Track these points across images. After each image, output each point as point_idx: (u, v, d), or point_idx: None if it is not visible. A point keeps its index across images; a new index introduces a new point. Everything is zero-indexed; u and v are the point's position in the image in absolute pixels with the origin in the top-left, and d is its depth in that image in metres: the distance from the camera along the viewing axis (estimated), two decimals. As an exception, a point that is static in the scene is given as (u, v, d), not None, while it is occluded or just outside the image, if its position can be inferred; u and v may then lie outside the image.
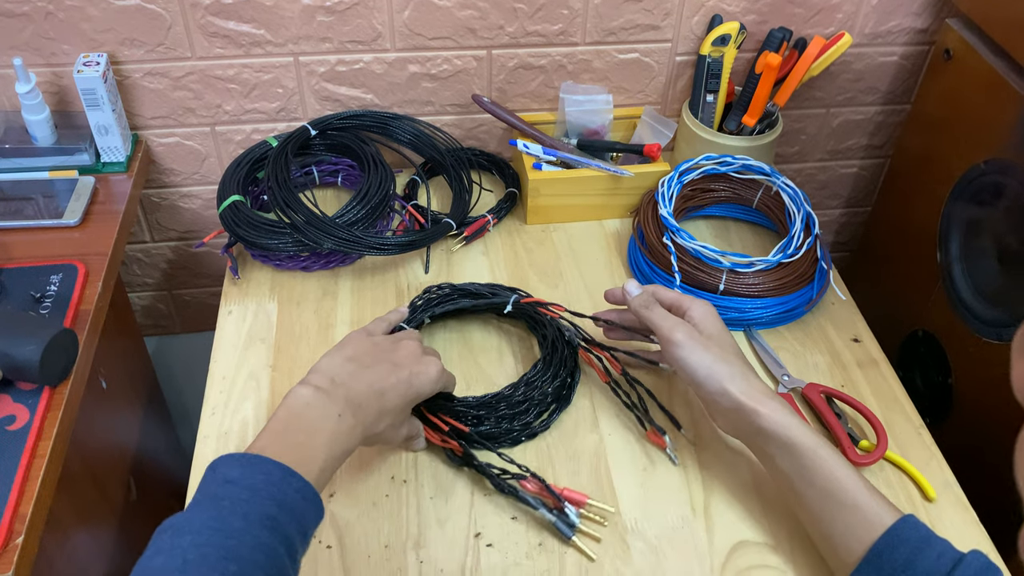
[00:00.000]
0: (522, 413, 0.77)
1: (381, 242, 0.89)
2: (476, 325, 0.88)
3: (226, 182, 0.93)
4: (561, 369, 0.80)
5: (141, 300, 1.20)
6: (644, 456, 0.76)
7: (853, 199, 1.27)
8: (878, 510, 0.62)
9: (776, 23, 1.02)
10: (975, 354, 0.93)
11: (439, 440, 0.74)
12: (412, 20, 0.96)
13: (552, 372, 0.80)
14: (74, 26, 0.92)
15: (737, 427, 0.69)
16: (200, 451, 0.76)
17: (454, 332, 0.88)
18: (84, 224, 0.90)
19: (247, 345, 0.85)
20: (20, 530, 0.65)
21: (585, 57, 1.03)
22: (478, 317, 0.89)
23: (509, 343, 0.87)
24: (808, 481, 0.64)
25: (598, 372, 0.81)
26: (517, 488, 0.71)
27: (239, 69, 0.98)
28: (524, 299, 0.85)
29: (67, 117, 0.98)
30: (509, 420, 0.76)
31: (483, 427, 0.75)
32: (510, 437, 0.76)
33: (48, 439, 0.71)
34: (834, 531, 0.63)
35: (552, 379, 0.79)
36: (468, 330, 0.88)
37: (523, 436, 0.77)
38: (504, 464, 0.73)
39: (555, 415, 0.79)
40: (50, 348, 0.71)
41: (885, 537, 0.60)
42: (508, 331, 0.88)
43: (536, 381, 0.79)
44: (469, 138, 1.09)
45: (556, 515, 0.70)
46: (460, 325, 0.88)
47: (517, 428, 0.76)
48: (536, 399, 0.78)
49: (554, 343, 0.82)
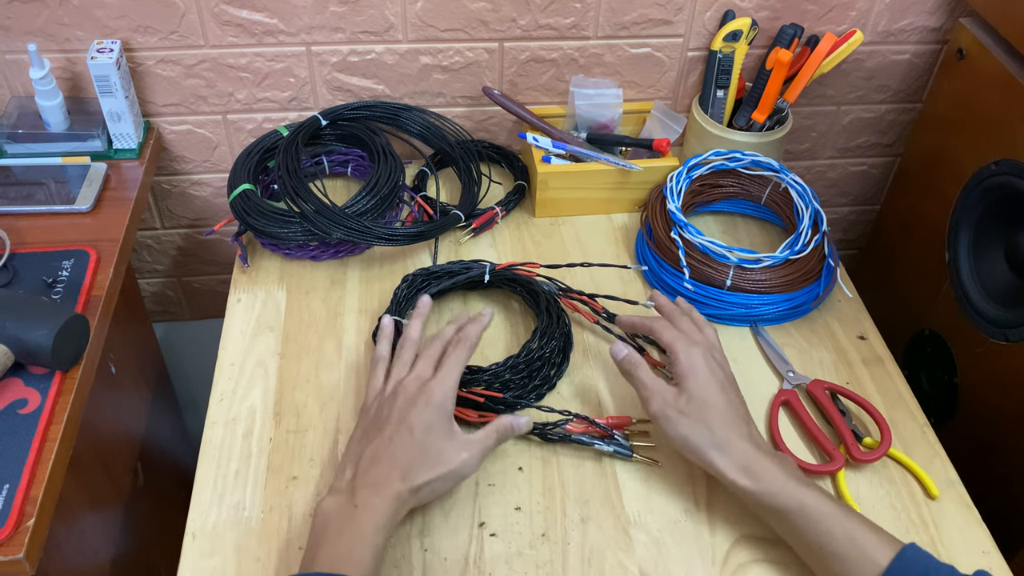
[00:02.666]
0: (542, 367, 0.80)
1: (390, 232, 0.89)
2: (458, 303, 0.90)
3: (237, 171, 0.94)
4: (559, 318, 0.84)
5: (151, 287, 1.21)
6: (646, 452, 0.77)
7: (862, 197, 1.26)
8: (873, 555, 0.61)
9: (788, 19, 1.02)
10: (981, 354, 0.93)
11: (476, 416, 0.75)
12: (424, 11, 0.96)
13: (556, 322, 0.84)
14: (88, 12, 0.92)
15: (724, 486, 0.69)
16: (208, 436, 0.77)
17: (443, 314, 0.89)
18: (96, 210, 0.91)
19: (255, 333, 0.86)
20: (31, 512, 0.66)
21: (596, 51, 1.03)
22: (457, 296, 0.91)
23: (496, 309, 0.89)
24: (798, 538, 0.65)
25: (585, 315, 0.87)
26: (569, 434, 0.75)
27: (251, 58, 0.98)
28: (499, 266, 0.88)
29: (80, 103, 0.98)
30: (531, 377, 0.80)
31: (511, 391, 0.78)
32: (537, 392, 0.80)
33: (59, 423, 0.72)
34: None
35: (558, 326, 0.83)
36: (453, 308, 0.90)
37: (546, 389, 0.80)
38: (546, 416, 0.77)
39: (566, 362, 0.82)
40: (62, 333, 0.72)
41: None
42: (490, 299, 0.91)
43: (549, 332, 0.82)
44: (479, 130, 1.09)
45: (609, 443, 0.75)
46: (445, 305, 0.90)
47: (538, 382, 0.80)
48: (554, 348, 0.82)
49: (541, 297, 0.85)
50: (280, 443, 0.76)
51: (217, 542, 0.69)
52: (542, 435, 0.75)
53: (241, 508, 0.71)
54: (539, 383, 0.80)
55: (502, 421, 0.71)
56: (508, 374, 0.79)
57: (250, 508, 0.71)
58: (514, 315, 0.89)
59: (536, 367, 0.80)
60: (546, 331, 0.83)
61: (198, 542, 0.69)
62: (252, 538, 0.69)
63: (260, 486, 0.73)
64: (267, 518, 0.71)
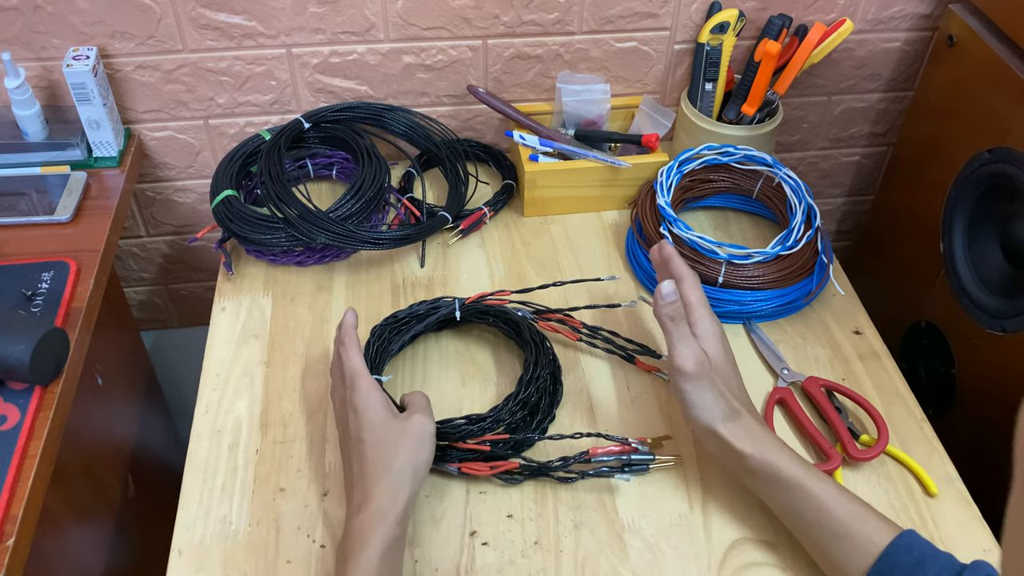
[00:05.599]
0: (540, 399, 0.77)
1: (376, 236, 0.88)
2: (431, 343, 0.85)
3: (219, 177, 0.92)
4: (543, 345, 0.81)
5: (138, 295, 1.19)
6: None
7: (855, 188, 1.25)
8: (872, 536, 0.60)
9: (776, 10, 1.00)
10: (979, 345, 0.92)
11: (488, 470, 0.71)
12: (406, 10, 0.95)
13: (541, 349, 0.80)
14: (63, 19, 0.91)
15: (724, 462, 0.69)
16: (193, 449, 0.75)
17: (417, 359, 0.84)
18: (76, 220, 0.89)
19: (241, 341, 0.85)
20: (11, 532, 0.64)
21: (582, 46, 1.01)
22: (429, 337, 0.86)
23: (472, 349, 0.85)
24: (800, 515, 0.64)
25: (566, 335, 0.83)
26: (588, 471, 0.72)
27: (231, 61, 0.97)
28: (468, 300, 0.84)
29: (58, 112, 0.97)
30: (532, 413, 0.77)
31: (516, 434, 0.74)
32: (540, 427, 0.76)
33: (39, 439, 0.70)
34: (831, 560, 0.63)
35: (543, 352, 0.80)
36: (428, 350, 0.84)
37: (548, 421, 0.77)
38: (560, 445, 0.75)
39: (560, 391, 0.79)
40: (40, 347, 0.70)
41: (878, 565, 0.59)
42: (465, 337, 0.86)
43: (539, 362, 0.79)
44: (465, 129, 1.07)
45: (628, 466, 0.72)
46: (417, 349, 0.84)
47: (540, 416, 0.77)
48: (546, 378, 0.78)
49: (523, 327, 0.81)
50: (267, 454, 0.75)
51: (204, 557, 0.68)
52: (564, 478, 0.72)
53: (227, 522, 0.70)
54: (540, 417, 0.77)
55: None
56: (507, 416, 0.75)
57: (236, 522, 0.70)
58: (496, 349, 0.84)
59: (534, 402, 0.77)
60: (536, 361, 0.78)
61: (184, 558, 0.68)
62: (239, 552, 0.68)
63: (247, 499, 0.72)
64: (254, 531, 0.69)
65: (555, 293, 0.89)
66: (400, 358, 0.83)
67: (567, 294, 0.90)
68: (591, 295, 0.90)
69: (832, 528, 0.62)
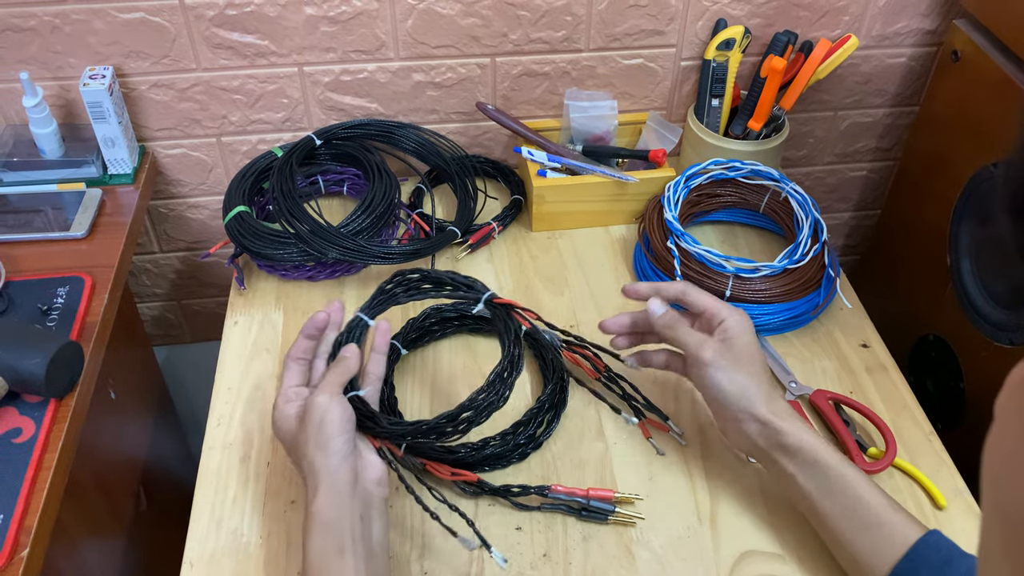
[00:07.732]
0: (524, 424, 0.76)
1: (386, 251, 0.89)
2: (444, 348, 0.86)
3: (232, 193, 0.94)
4: (552, 374, 0.80)
5: (151, 310, 1.20)
6: (649, 465, 0.76)
7: (862, 202, 1.26)
8: (903, 528, 0.61)
9: (781, 26, 1.01)
10: (987, 358, 0.92)
11: (449, 475, 0.72)
12: (415, 29, 0.96)
13: (557, 392, 0.79)
14: (80, 39, 0.93)
15: (756, 444, 0.68)
16: (205, 463, 0.76)
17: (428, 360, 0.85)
18: (91, 236, 0.91)
19: (253, 356, 0.85)
20: (25, 543, 0.65)
21: (589, 63, 1.02)
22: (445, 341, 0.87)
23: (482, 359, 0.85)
24: (832, 499, 0.64)
25: (586, 371, 0.82)
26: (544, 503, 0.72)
27: (244, 80, 0.98)
28: (498, 299, 0.74)
29: (74, 130, 0.98)
30: (514, 436, 0.76)
31: (488, 449, 0.74)
32: (518, 452, 0.76)
33: (54, 451, 0.71)
34: (858, 550, 0.62)
35: (544, 385, 0.79)
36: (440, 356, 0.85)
37: (530, 449, 0.76)
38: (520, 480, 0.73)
39: (555, 422, 0.78)
40: (55, 361, 0.71)
41: (907, 558, 0.59)
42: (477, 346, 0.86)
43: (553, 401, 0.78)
44: (474, 145, 1.08)
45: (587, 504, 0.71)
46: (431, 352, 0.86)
47: (522, 441, 0.76)
48: (535, 408, 0.77)
49: (548, 352, 0.81)
50: (278, 467, 0.75)
51: (215, 569, 0.68)
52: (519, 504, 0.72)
53: (239, 534, 0.71)
54: (523, 442, 0.76)
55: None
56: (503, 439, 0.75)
57: (248, 534, 0.71)
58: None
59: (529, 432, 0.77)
60: (549, 402, 0.78)
61: (196, 571, 0.69)
62: (250, 564, 0.69)
63: (258, 511, 0.72)
64: (265, 543, 0.70)
65: (562, 305, 0.90)
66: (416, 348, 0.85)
67: (575, 307, 0.90)
68: (598, 308, 0.90)
69: (863, 515, 0.62)
